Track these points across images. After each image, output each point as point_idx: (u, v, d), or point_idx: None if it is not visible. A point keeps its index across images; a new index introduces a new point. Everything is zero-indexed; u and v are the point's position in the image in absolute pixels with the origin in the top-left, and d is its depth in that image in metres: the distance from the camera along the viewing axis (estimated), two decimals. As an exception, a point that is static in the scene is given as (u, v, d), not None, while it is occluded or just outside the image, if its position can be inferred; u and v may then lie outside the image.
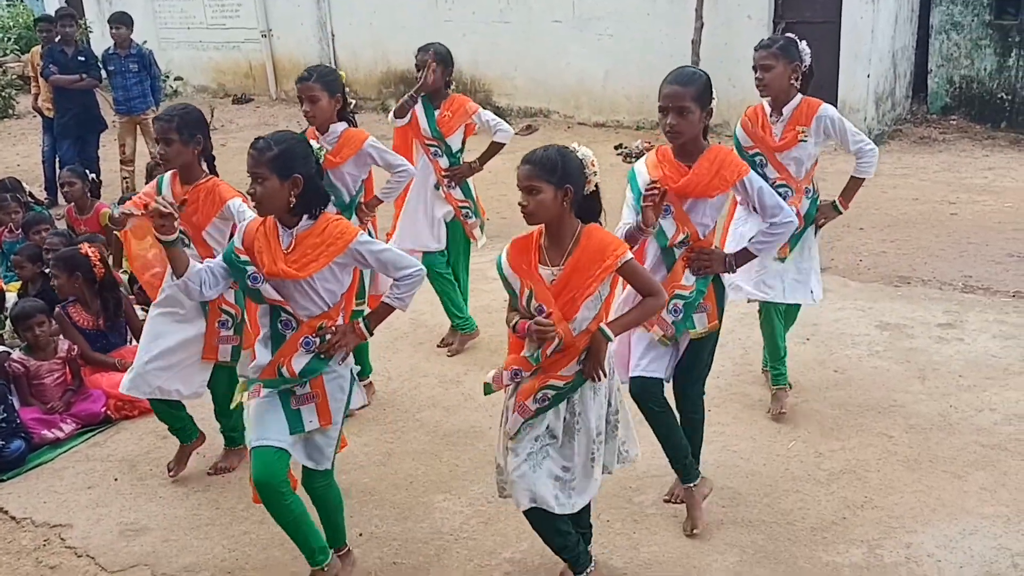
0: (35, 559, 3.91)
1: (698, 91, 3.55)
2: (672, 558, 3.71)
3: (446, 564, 3.74)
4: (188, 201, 4.01)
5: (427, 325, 5.95)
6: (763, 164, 4.53)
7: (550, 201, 3.08)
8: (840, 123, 4.51)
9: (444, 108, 5.38)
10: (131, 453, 4.73)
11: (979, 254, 7.06)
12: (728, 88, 10.75)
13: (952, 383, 5.02)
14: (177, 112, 4.05)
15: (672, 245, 3.71)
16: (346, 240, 3.28)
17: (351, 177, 4.82)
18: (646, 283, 3.26)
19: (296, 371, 3.32)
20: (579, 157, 3.14)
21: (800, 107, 4.47)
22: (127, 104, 9.26)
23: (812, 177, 4.63)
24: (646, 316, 3.34)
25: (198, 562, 3.83)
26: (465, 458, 4.49)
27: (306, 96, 4.66)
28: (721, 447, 4.48)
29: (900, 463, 4.30)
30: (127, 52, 9.22)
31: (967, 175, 9.40)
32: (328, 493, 3.57)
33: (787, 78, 4.42)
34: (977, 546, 3.70)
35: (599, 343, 3.18)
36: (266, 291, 3.34)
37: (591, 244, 3.15)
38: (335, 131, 4.74)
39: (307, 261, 3.26)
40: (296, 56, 15.04)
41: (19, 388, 4.98)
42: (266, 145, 3.22)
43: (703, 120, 3.61)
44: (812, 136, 4.48)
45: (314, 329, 3.32)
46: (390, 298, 3.42)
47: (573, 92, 12.35)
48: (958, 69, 11.14)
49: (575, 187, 3.10)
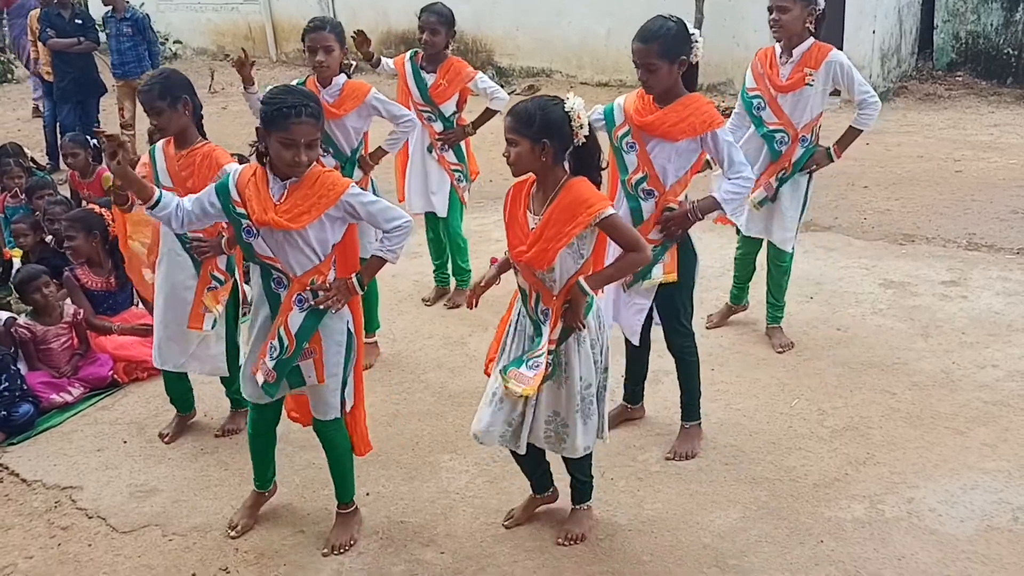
0: (47, 520, 3.97)
1: (663, 45, 3.61)
2: (676, 514, 3.75)
3: (452, 523, 3.78)
4: (183, 166, 4.00)
5: (431, 287, 5.96)
6: (760, 107, 4.58)
7: (527, 153, 3.13)
8: (849, 70, 4.51)
9: (440, 75, 5.33)
10: (139, 416, 4.77)
11: (983, 211, 7.04)
12: (732, 46, 10.69)
13: (955, 340, 5.04)
14: (158, 80, 4.00)
15: (631, 182, 3.78)
16: (337, 192, 3.27)
17: (353, 130, 4.81)
18: (629, 238, 3.26)
19: (293, 331, 3.35)
20: (564, 110, 3.13)
21: (811, 50, 4.48)
22: (122, 68, 9.21)
23: (812, 129, 4.62)
24: (627, 271, 3.39)
25: (208, 522, 3.88)
26: (470, 418, 4.45)
27: (321, 46, 4.61)
28: (724, 405, 4.51)
29: (902, 420, 4.32)
30: (122, 15, 9.15)
31: (972, 132, 9.34)
32: (336, 436, 3.60)
33: (802, 21, 4.43)
34: (978, 500, 3.73)
35: (577, 296, 3.22)
36: (259, 246, 3.33)
37: (568, 198, 3.17)
38: (337, 83, 4.73)
39: (299, 212, 3.24)
40: (296, 17, 14.85)
41: (26, 353, 5.02)
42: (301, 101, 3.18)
43: (677, 71, 3.67)
44: (820, 81, 4.49)
45: (306, 286, 3.33)
46: (381, 250, 3.41)
47: (575, 51, 12.24)
48: (964, 25, 11.01)
49: (553, 140, 3.11)
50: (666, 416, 4.39)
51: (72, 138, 7.54)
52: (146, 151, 4.28)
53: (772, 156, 4.65)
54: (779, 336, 5.05)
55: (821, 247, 6.43)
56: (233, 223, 3.38)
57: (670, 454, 4.13)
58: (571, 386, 3.33)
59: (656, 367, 4.34)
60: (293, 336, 3.36)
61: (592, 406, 3.40)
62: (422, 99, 5.35)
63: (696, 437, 4.17)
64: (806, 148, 4.64)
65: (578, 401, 3.34)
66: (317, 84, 4.73)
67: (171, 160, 4.06)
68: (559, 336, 3.28)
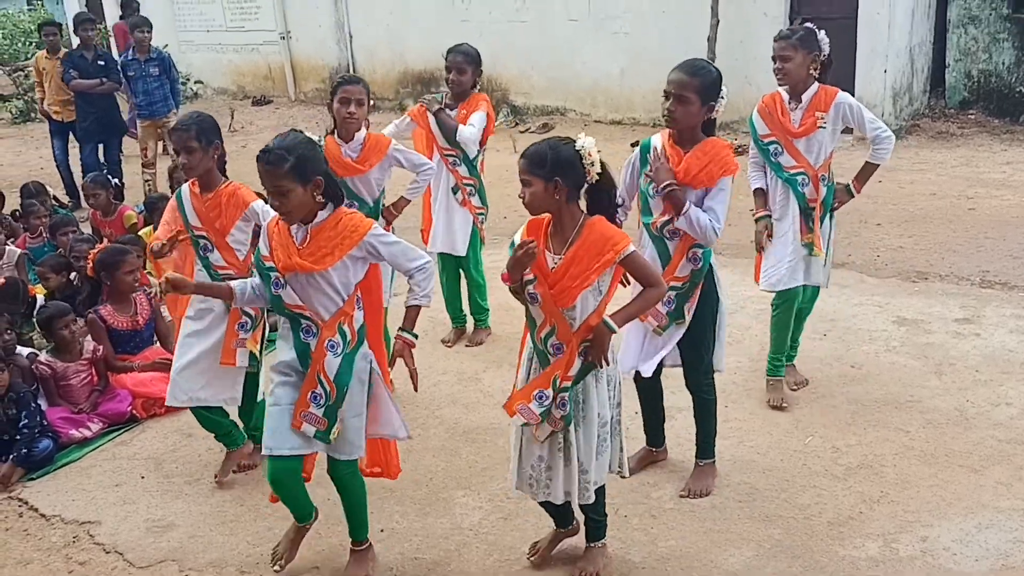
0: (65, 555, 4.00)
1: (703, 84, 3.68)
2: (690, 552, 3.75)
3: (466, 559, 3.80)
4: (210, 207, 4.09)
5: (445, 323, 6.00)
6: (777, 153, 4.61)
7: (541, 193, 3.19)
8: (858, 109, 4.59)
9: (461, 110, 5.40)
10: (157, 451, 4.82)
11: (997, 249, 7.05)
12: (744, 85, 10.75)
13: (969, 378, 5.04)
14: (194, 121, 4.10)
15: (656, 225, 3.86)
16: (360, 233, 3.34)
17: (376, 182, 4.85)
18: (648, 274, 3.33)
19: (331, 377, 3.39)
20: (575, 149, 3.20)
21: (818, 94, 4.55)
22: (149, 108, 9.36)
23: (829, 166, 4.69)
24: (648, 306, 3.42)
25: (223, 558, 3.91)
26: (484, 454, 4.55)
27: (355, 99, 4.67)
28: (737, 442, 4.52)
29: (917, 458, 4.32)
30: (147, 56, 9.33)
31: (985, 170, 9.36)
32: (353, 481, 3.63)
33: (806, 68, 4.50)
34: (993, 540, 3.72)
35: (602, 334, 3.26)
36: (287, 296, 3.39)
37: (591, 237, 3.22)
38: (358, 138, 4.76)
39: (323, 254, 3.30)
40: (314, 58, 15.14)
41: (46, 389, 5.08)
42: (280, 156, 3.23)
43: (703, 114, 3.73)
44: (830, 122, 4.55)
45: (335, 330, 3.38)
46: (416, 299, 3.48)
47: (589, 90, 12.38)
48: (976, 63, 11.09)
49: (566, 179, 3.17)
50: (679, 453, 4.40)
51: (94, 179, 7.68)
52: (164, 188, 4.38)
53: (799, 199, 4.64)
54: (793, 374, 5.06)
55: (834, 284, 6.39)
56: (264, 279, 3.46)
57: (684, 492, 4.14)
58: (588, 426, 3.36)
59: (669, 403, 4.36)
60: (332, 381, 3.40)
61: (606, 443, 3.42)
62: (447, 143, 5.40)
63: (710, 475, 4.18)
64: (828, 187, 4.70)
65: (595, 441, 3.37)
66: (338, 140, 4.76)
67: (198, 201, 4.15)
68: (577, 374, 3.31)
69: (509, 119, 12.74)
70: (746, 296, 6.12)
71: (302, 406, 3.44)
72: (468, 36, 11.23)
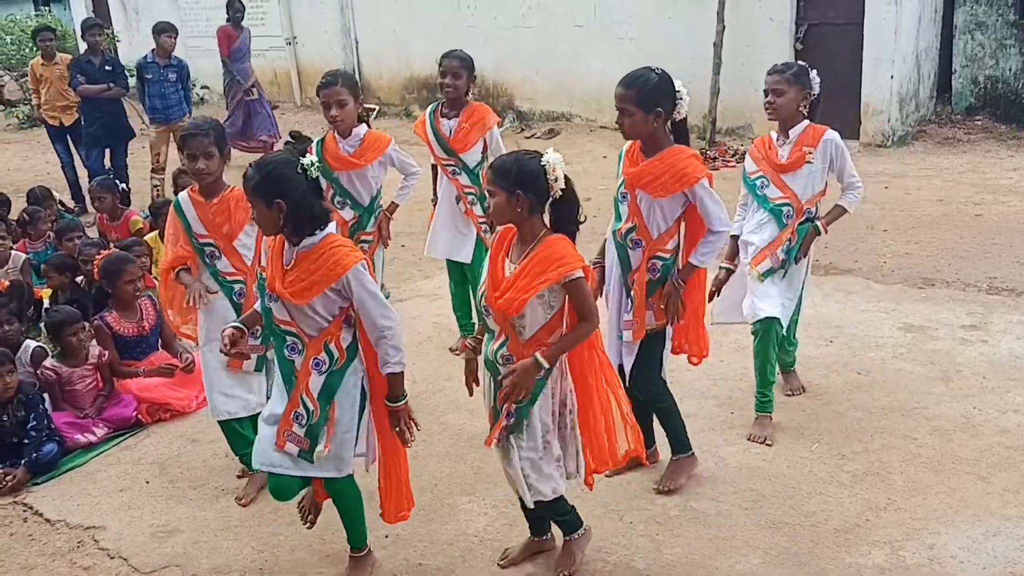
0: (69, 560, 4.00)
1: (639, 94, 3.76)
2: (695, 559, 3.74)
3: (471, 566, 3.79)
4: (216, 212, 4.07)
5: (450, 329, 6.00)
6: (764, 185, 4.62)
7: (504, 204, 3.25)
8: (843, 152, 4.62)
9: (464, 118, 5.34)
10: (162, 456, 4.82)
11: (1004, 255, 7.02)
12: (749, 90, 10.76)
13: (976, 385, 5.02)
14: (211, 125, 4.05)
15: (621, 232, 3.93)
16: (341, 270, 3.25)
17: (373, 180, 4.89)
18: (586, 307, 3.32)
19: (315, 395, 3.36)
20: (540, 163, 3.23)
21: (807, 131, 4.58)
22: (164, 112, 9.40)
23: (816, 203, 4.66)
24: (577, 341, 3.38)
25: (227, 563, 3.90)
26: (489, 460, 4.53)
27: (334, 101, 4.69)
28: (743, 449, 4.50)
29: (923, 465, 4.30)
30: (167, 61, 9.37)
31: (992, 176, 9.34)
32: (345, 493, 3.59)
33: (796, 104, 4.52)
34: (1000, 547, 3.70)
35: (528, 369, 3.29)
36: (277, 310, 3.36)
37: (545, 252, 3.26)
38: (357, 134, 4.79)
39: (303, 287, 3.26)
40: (320, 63, 15.12)
41: (51, 394, 5.08)
42: (251, 173, 3.27)
43: (652, 122, 3.78)
44: (818, 159, 4.55)
45: (320, 349, 3.35)
46: (390, 367, 3.34)
47: (595, 95, 12.36)
48: (983, 69, 11.07)
49: (527, 193, 3.22)
50: (685, 460, 4.39)
51: (100, 183, 7.70)
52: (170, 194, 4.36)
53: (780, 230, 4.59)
54: (791, 380, 5.07)
55: (840, 291, 6.44)
56: (260, 291, 3.46)
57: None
58: (532, 432, 3.39)
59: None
60: (315, 399, 3.37)
61: (551, 452, 3.43)
62: (444, 153, 5.37)
63: (687, 468, 4.22)
64: (807, 221, 4.61)
65: (541, 449, 3.40)
66: (336, 136, 4.78)
67: (203, 208, 4.10)
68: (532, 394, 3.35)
69: (514, 125, 12.74)
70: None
71: (285, 425, 3.41)
72: (473, 41, 11.32)
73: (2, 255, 6.70)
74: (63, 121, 9.75)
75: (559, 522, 3.68)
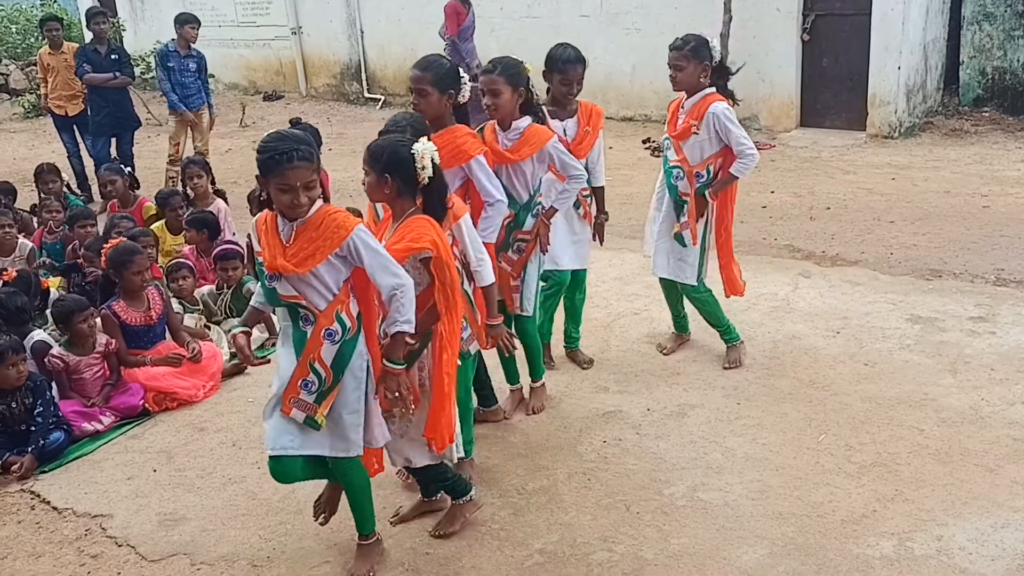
0: (77, 548, 4.01)
1: (435, 76, 4.08)
2: (702, 550, 3.74)
3: (477, 554, 3.79)
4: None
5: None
6: (668, 147, 5.10)
7: (374, 184, 3.51)
8: (724, 122, 4.87)
9: (582, 121, 4.97)
10: (169, 445, 4.83)
11: (1012, 246, 7.00)
12: (757, 81, 10.75)
13: (984, 376, 5.00)
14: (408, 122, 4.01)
15: None
16: (342, 235, 3.25)
17: (531, 176, 4.55)
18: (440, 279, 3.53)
19: (328, 363, 3.36)
20: (410, 151, 3.45)
21: (699, 103, 4.89)
22: (184, 101, 9.41)
23: (707, 166, 4.99)
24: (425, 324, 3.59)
25: (235, 551, 3.91)
26: (495, 451, 4.54)
27: (488, 89, 4.47)
28: (751, 440, 4.50)
29: (931, 456, 4.29)
30: (187, 52, 9.38)
31: (999, 167, 9.31)
32: (352, 476, 3.58)
33: (696, 76, 4.86)
34: (1009, 539, 3.69)
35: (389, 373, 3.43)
36: (283, 288, 3.34)
37: (403, 228, 3.48)
38: (518, 127, 4.50)
39: (304, 256, 3.25)
40: (326, 53, 15.16)
41: (59, 382, 5.09)
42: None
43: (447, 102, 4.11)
44: (704, 129, 4.89)
45: (332, 319, 3.33)
46: (397, 325, 3.32)
47: (601, 86, 12.31)
48: (990, 60, 11.02)
49: (395, 176, 3.46)
50: (692, 450, 4.39)
51: (107, 168, 7.72)
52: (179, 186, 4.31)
53: (670, 191, 5.11)
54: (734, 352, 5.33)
55: (847, 282, 6.42)
56: (260, 276, 3.45)
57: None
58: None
59: (682, 400, 4.35)
60: (329, 367, 3.36)
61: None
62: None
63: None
64: (702, 183, 5.01)
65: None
66: (496, 128, 4.55)
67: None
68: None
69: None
70: (758, 294, 6.10)
71: (291, 392, 3.39)
72: (480, 31, 11.29)
73: (9, 244, 6.71)
74: (69, 111, 9.75)
75: (444, 486, 3.92)
